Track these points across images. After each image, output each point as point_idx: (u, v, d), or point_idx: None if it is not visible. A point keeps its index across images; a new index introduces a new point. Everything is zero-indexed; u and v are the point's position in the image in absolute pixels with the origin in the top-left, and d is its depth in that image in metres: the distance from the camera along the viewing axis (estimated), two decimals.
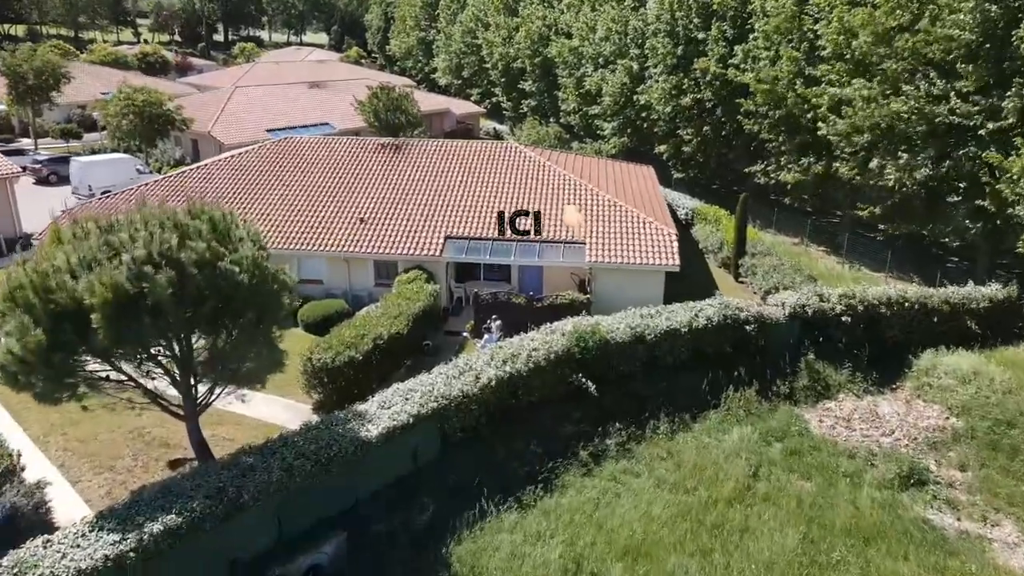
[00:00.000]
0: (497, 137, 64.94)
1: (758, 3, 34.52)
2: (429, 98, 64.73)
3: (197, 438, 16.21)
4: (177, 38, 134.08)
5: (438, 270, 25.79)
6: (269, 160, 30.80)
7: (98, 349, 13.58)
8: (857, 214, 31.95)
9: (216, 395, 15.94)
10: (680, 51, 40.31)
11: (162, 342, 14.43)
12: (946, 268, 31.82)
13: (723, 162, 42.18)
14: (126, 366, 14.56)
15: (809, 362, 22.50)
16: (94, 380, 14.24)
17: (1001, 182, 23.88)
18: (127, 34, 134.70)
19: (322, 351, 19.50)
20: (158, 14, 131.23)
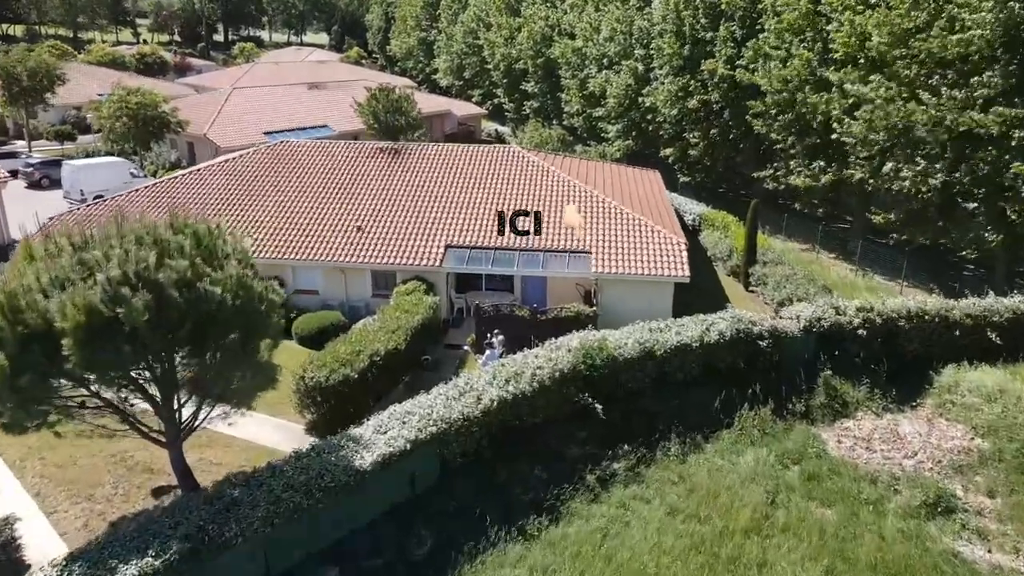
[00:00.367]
0: (499, 139, 64.01)
1: (768, 2, 33.47)
2: (430, 99, 63.78)
3: (180, 466, 15.25)
4: (177, 38, 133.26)
5: (438, 280, 24.84)
6: (264, 165, 29.85)
7: (70, 374, 12.63)
8: (870, 219, 30.99)
9: (201, 420, 14.98)
10: (687, 52, 39.32)
11: (141, 366, 13.48)
12: (963, 276, 30.87)
13: (731, 166, 41.21)
14: (102, 390, 13.61)
15: (826, 378, 21.50)
16: (66, 407, 13.28)
17: None
18: (127, 34, 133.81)
19: (315, 369, 18.55)
20: (158, 14, 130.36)
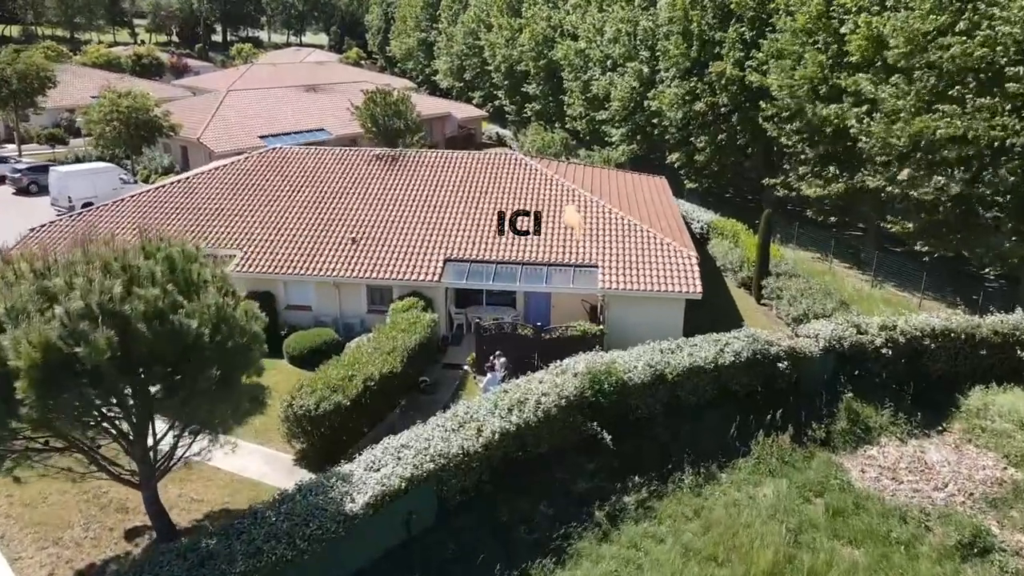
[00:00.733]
0: (500, 142, 62.82)
1: (781, 1, 32.20)
2: (429, 102, 62.60)
3: (155, 507, 14.05)
4: (175, 39, 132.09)
5: (437, 296, 23.65)
6: (255, 173, 28.66)
7: (29, 416, 11.43)
8: (885, 227, 29.76)
9: (176, 460, 13.78)
10: (694, 53, 38.08)
11: (111, 403, 12.29)
12: (985, 288, 29.64)
13: (739, 171, 39.98)
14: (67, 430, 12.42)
15: (847, 402, 20.31)
16: (27, 449, 12.10)
17: None
18: (124, 35, 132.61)
19: (305, 396, 17.35)
20: (155, 14, 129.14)
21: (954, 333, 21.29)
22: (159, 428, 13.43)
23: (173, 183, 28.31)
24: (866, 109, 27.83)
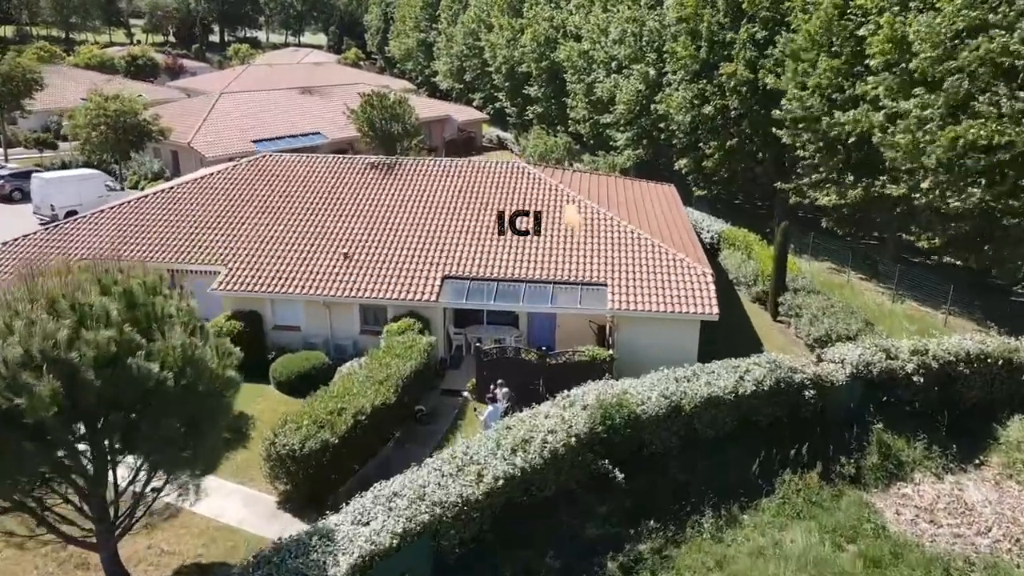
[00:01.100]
0: (501, 145, 61.33)
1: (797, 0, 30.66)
2: (428, 104, 61.11)
3: (115, 570, 12.53)
4: (172, 39, 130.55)
5: (434, 316, 22.13)
6: (244, 182, 27.15)
7: None
8: (904, 238, 28.21)
9: (139, 517, 12.28)
10: (703, 55, 36.54)
11: (58, 458, 10.81)
12: (1012, 303, 28.14)
13: (750, 177, 38.44)
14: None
15: (878, 434, 18.80)
16: None
17: None
18: (120, 35, 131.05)
19: (288, 433, 15.83)
20: (152, 14, 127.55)
21: (991, 358, 19.82)
22: (124, 475, 11.97)
23: (156, 193, 26.79)
24: (886, 115, 26.28)
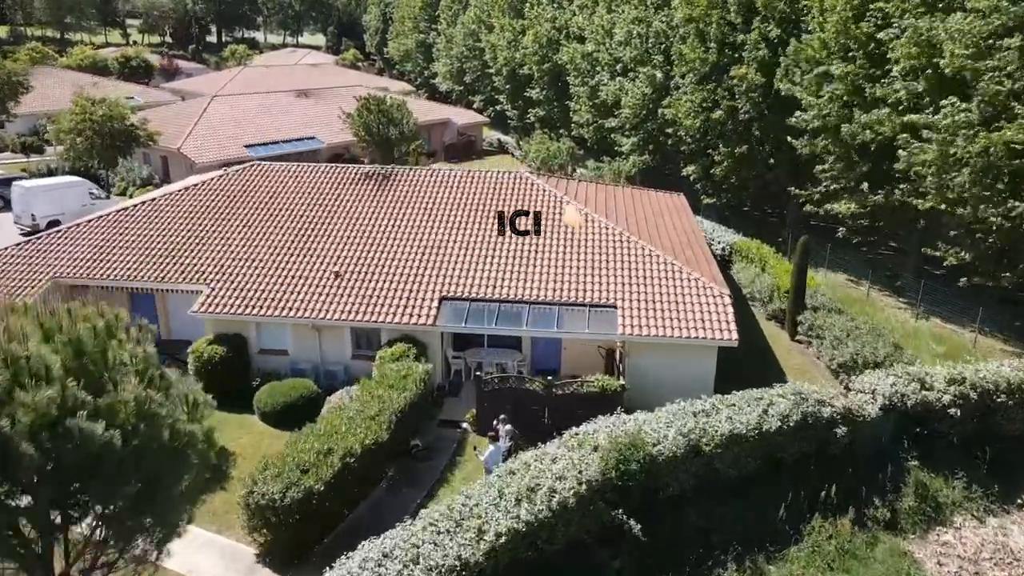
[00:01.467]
0: (502, 149, 59.79)
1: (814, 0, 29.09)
2: (427, 107, 59.61)
3: None
4: (169, 40, 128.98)
5: (432, 340, 20.62)
6: (230, 194, 25.63)
7: None
8: (931, 253, 26.63)
9: None
10: (713, 57, 35.00)
11: None
12: None
13: (761, 184, 36.87)
14: None
15: (914, 473, 17.32)
16: None
17: None
18: (116, 35, 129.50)
19: (269, 481, 14.32)
20: (148, 14, 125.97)
21: None
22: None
23: (137, 206, 25.27)
24: (912, 123, 24.76)
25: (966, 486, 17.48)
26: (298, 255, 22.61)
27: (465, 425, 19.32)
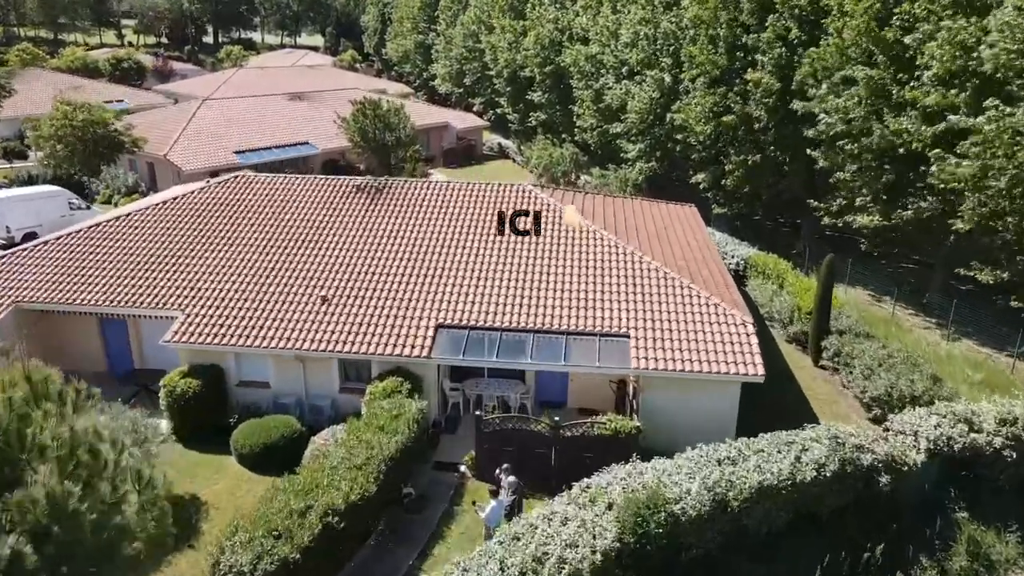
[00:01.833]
0: (502, 153, 58.01)
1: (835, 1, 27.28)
2: (426, 111, 57.85)
3: None
4: (164, 40, 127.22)
5: (427, 373, 18.81)
6: (211, 209, 23.83)
7: None
8: (965, 274, 24.86)
9: None
10: (724, 60, 33.21)
11: None
12: None
13: (774, 193, 35.09)
14: None
15: (965, 527, 15.53)
16: None
17: None
18: (111, 36, 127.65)
19: (238, 549, 12.53)
20: (143, 15, 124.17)
21: None
22: None
23: (110, 221, 23.48)
24: (943, 129, 23.01)
25: (1020, 540, 15.71)
26: (282, 277, 20.82)
27: (463, 468, 17.54)
